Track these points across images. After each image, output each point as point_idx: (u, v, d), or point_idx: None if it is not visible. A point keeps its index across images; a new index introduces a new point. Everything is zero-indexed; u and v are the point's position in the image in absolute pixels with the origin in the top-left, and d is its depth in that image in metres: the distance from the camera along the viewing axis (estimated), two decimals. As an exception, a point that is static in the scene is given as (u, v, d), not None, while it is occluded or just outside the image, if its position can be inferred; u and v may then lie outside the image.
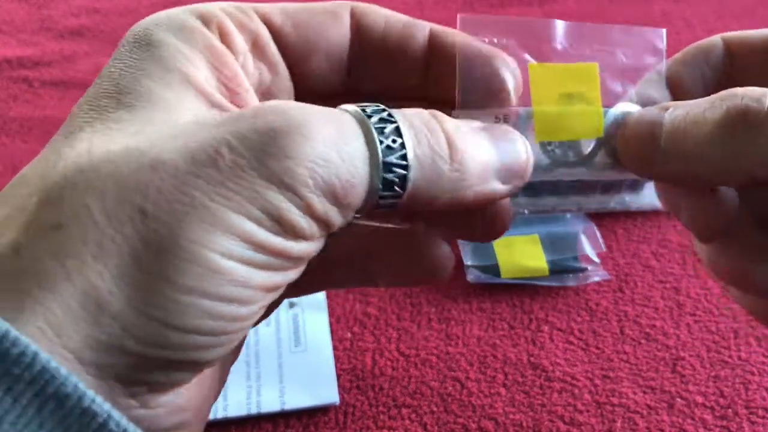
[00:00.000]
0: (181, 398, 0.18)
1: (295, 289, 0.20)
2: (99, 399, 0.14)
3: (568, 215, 0.43)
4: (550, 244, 0.41)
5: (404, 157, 0.18)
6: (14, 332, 0.13)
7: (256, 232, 0.16)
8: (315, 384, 0.34)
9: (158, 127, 0.17)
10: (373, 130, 0.17)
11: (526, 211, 0.44)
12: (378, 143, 0.17)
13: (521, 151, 0.21)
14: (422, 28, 0.23)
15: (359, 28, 0.22)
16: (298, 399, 0.34)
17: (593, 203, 0.44)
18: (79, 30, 0.66)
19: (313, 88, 0.22)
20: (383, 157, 0.17)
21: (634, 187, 0.45)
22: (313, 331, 0.37)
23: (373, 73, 0.22)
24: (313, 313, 0.38)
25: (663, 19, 0.63)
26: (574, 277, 0.39)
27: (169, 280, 0.15)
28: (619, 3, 0.66)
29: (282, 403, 0.33)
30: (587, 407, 0.34)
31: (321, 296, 0.38)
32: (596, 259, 0.40)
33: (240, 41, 0.20)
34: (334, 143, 0.17)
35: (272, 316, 0.38)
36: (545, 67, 0.23)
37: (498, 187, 0.20)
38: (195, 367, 0.17)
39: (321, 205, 0.17)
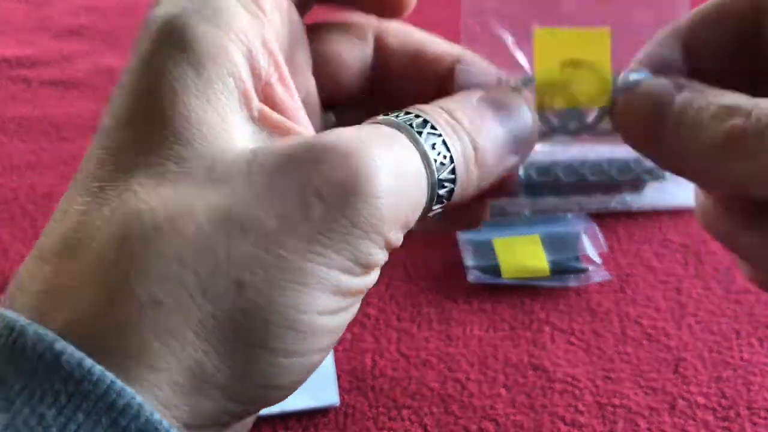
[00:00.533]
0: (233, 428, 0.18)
1: None
2: None
3: (569, 215, 0.43)
4: (551, 244, 0.41)
5: (453, 171, 0.18)
6: (119, 383, 0.14)
7: (346, 281, 0.16)
8: (315, 385, 0.34)
9: (227, 168, 0.15)
10: (428, 151, 0.17)
11: (527, 211, 0.44)
12: (433, 162, 0.17)
13: (527, 119, 0.20)
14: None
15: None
16: (297, 400, 0.33)
17: (594, 203, 0.44)
18: (77, 29, 0.66)
19: None
20: (438, 175, 0.18)
21: (636, 187, 0.45)
22: None
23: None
24: None
25: (664, 18, 0.63)
26: (576, 277, 0.39)
27: (271, 348, 0.15)
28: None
29: (282, 404, 0.33)
30: (588, 408, 0.33)
31: None
32: (598, 260, 0.40)
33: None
34: (404, 173, 0.17)
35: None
36: (552, 32, 0.22)
37: (511, 159, 0.20)
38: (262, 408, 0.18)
39: (396, 237, 0.17)
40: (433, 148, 0.17)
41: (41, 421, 0.13)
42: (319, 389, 0.34)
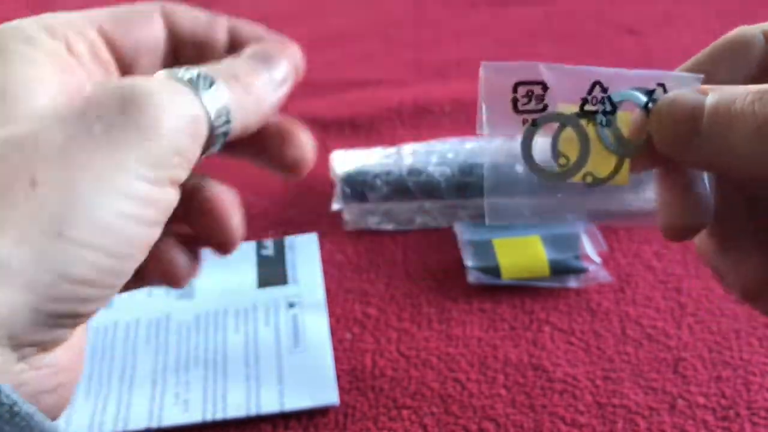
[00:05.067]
0: (60, 358, 0.20)
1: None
2: None
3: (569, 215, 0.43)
4: (551, 244, 0.41)
5: (228, 111, 0.22)
6: None
7: (136, 185, 0.19)
8: (314, 385, 0.34)
9: (27, 115, 0.20)
10: (203, 95, 0.22)
11: (526, 212, 0.44)
12: (209, 103, 0.22)
13: (285, 65, 0.25)
14: (222, 23, 0.27)
15: (171, 27, 0.26)
16: (297, 400, 0.33)
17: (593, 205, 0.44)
18: (78, 30, 0.66)
19: None
20: (213, 110, 0.22)
21: (636, 187, 0.44)
22: (312, 332, 0.37)
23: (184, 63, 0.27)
24: (312, 314, 0.38)
25: (664, 19, 0.63)
26: (576, 278, 0.39)
27: (65, 237, 0.18)
28: (621, 2, 0.65)
29: (281, 404, 0.33)
30: (588, 408, 0.33)
31: (321, 297, 0.38)
32: (597, 260, 0.40)
33: (83, 49, 0.23)
34: (180, 110, 0.21)
35: (272, 317, 0.38)
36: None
37: (280, 91, 0.25)
38: (76, 320, 0.19)
39: (184, 141, 0.20)
40: (208, 93, 0.22)
41: None
42: (318, 389, 0.34)
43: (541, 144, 0.23)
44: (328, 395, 0.34)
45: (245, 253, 0.41)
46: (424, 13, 0.65)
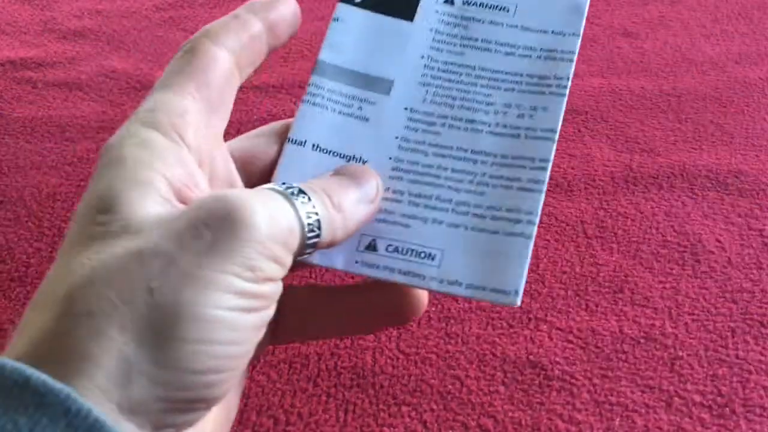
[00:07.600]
0: (206, 428, 0.23)
1: (276, 340, 0.27)
2: None
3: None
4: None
5: (318, 222, 0.24)
6: (74, 393, 0.18)
7: (237, 283, 0.21)
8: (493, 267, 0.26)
9: (144, 228, 0.22)
10: (298, 206, 0.24)
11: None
12: (304, 215, 0.24)
13: (372, 183, 0.27)
14: None
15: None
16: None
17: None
18: (82, 31, 0.66)
19: None
20: (306, 222, 0.24)
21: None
22: None
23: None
24: None
25: (659, 21, 0.63)
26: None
27: (178, 337, 0.20)
28: (615, 5, 0.66)
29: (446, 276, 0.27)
30: (586, 405, 0.34)
31: None
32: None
33: (191, 137, 0.25)
34: (276, 216, 0.22)
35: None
36: None
37: (368, 209, 0.27)
38: (208, 403, 0.21)
39: (279, 250, 0.22)
40: (303, 204, 0.24)
41: (16, 426, 0.18)
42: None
43: None
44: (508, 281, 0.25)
45: None
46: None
